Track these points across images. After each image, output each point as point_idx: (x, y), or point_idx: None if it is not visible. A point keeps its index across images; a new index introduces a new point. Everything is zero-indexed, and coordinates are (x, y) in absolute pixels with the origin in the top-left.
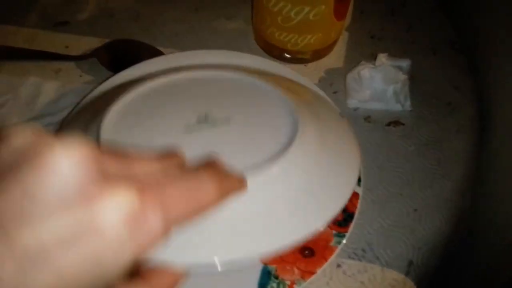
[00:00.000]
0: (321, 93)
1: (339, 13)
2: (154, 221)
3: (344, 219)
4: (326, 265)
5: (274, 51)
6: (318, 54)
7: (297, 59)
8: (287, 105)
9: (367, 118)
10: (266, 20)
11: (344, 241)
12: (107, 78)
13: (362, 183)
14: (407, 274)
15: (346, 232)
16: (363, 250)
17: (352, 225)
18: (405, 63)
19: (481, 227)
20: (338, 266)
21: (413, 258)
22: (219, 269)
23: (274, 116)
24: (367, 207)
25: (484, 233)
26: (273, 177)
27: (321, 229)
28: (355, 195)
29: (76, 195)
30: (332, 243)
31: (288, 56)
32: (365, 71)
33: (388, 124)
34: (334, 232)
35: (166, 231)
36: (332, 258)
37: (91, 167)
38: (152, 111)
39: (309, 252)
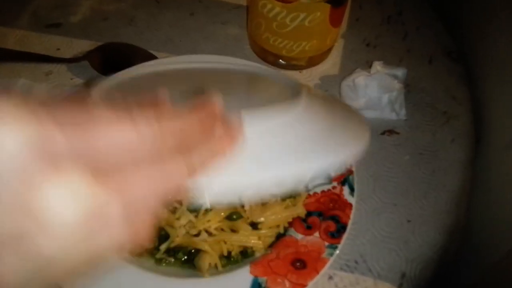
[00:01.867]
0: None
1: (335, 20)
2: (114, 216)
3: (337, 230)
4: (317, 277)
5: (268, 57)
6: (313, 60)
7: (292, 65)
8: (291, 82)
9: None
10: (261, 26)
11: (336, 253)
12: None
13: (355, 193)
14: (400, 286)
15: (339, 243)
16: (356, 262)
17: (344, 236)
18: (400, 72)
19: (476, 237)
20: (330, 278)
21: (406, 270)
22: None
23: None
24: (360, 217)
25: (479, 243)
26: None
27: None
28: (348, 206)
29: (16, 185)
30: (324, 255)
31: (283, 62)
32: (360, 79)
33: (383, 133)
34: (326, 243)
35: (129, 222)
36: (323, 270)
37: (36, 148)
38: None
39: (301, 264)
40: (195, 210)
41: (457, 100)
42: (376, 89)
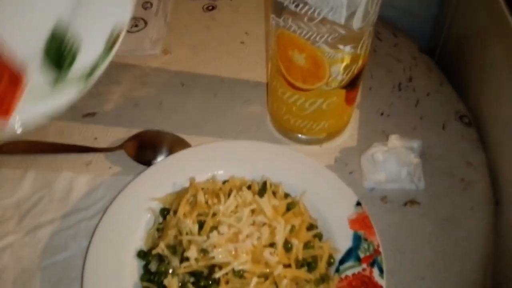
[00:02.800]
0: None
1: (350, 100)
2: None
3: None
4: None
5: (289, 134)
6: (332, 135)
7: (312, 140)
8: None
9: (384, 199)
10: (282, 109)
11: None
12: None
13: (384, 271)
14: None
15: None
16: None
17: None
18: (416, 144)
19: None
20: None
21: None
22: None
23: None
24: None
25: None
26: None
27: None
28: None
29: None
30: None
31: (303, 137)
32: (378, 154)
33: (405, 204)
34: None
35: None
36: None
37: None
38: None
39: None
40: None
41: (473, 165)
42: (395, 163)
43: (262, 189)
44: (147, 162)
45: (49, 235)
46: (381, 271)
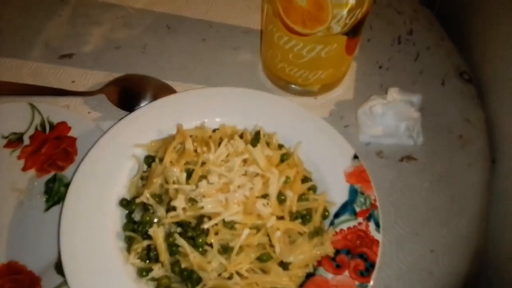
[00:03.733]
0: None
1: (350, 49)
2: None
3: (366, 269)
4: None
5: (282, 83)
6: (327, 86)
7: (305, 91)
8: None
9: (379, 153)
10: (277, 56)
11: None
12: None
13: (381, 226)
14: None
15: (369, 282)
16: None
17: (374, 275)
18: (416, 98)
19: (496, 259)
20: None
21: None
22: None
23: None
24: (384, 248)
25: (498, 265)
26: None
27: None
28: (375, 242)
29: None
30: None
31: (297, 88)
32: (377, 107)
33: (401, 160)
34: (357, 283)
35: None
36: None
37: None
38: None
39: None
40: (226, 253)
41: (471, 122)
42: (393, 117)
43: (255, 139)
44: (129, 108)
45: None
46: (377, 225)
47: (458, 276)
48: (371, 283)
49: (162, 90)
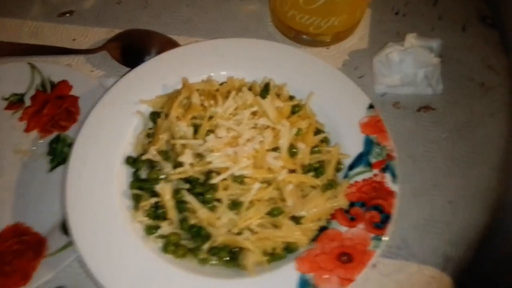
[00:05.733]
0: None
1: None
2: None
3: (381, 221)
4: (364, 270)
5: (292, 33)
6: (340, 35)
7: (317, 41)
8: None
9: (396, 104)
10: (287, 3)
11: (383, 244)
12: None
13: (397, 178)
14: (443, 269)
15: (384, 234)
16: (399, 248)
17: (389, 227)
18: (435, 44)
19: None
20: (374, 266)
21: (450, 253)
22: None
23: None
24: (401, 201)
25: None
26: None
27: None
28: (391, 194)
29: None
30: (370, 247)
31: (308, 38)
32: (393, 54)
33: (419, 110)
34: (371, 235)
35: None
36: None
37: None
38: None
39: (347, 258)
40: (236, 208)
41: (494, 69)
42: (411, 64)
43: (265, 90)
44: (133, 64)
45: None
46: (394, 176)
47: (477, 228)
48: (387, 235)
49: (167, 44)
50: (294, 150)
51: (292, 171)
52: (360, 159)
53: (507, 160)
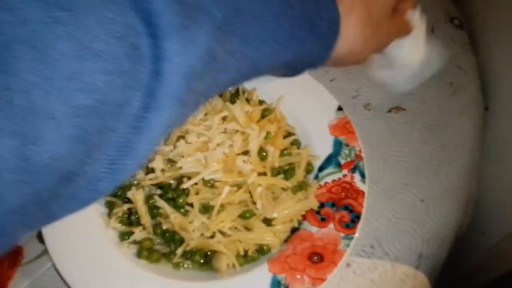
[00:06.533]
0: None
1: None
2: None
3: (351, 220)
4: (335, 269)
5: None
6: None
7: None
8: None
9: (367, 106)
10: None
11: (352, 243)
12: None
13: (366, 178)
14: (417, 267)
15: (354, 233)
16: (372, 247)
17: (359, 226)
18: None
19: (488, 207)
20: (348, 265)
21: (423, 251)
22: None
23: None
24: (373, 200)
25: (491, 213)
26: None
27: None
28: (360, 194)
29: None
30: (340, 247)
31: None
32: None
33: (389, 111)
34: (342, 234)
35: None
36: (341, 262)
37: None
38: None
39: (318, 258)
40: (207, 212)
41: (462, 69)
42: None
43: (234, 95)
44: None
45: None
46: (362, 176)
47: (448, 225)
48: (357, 234)
49: None
50: (264, 153)
51: (262, 174)
52: (330, 160)
53: (476, 158)
